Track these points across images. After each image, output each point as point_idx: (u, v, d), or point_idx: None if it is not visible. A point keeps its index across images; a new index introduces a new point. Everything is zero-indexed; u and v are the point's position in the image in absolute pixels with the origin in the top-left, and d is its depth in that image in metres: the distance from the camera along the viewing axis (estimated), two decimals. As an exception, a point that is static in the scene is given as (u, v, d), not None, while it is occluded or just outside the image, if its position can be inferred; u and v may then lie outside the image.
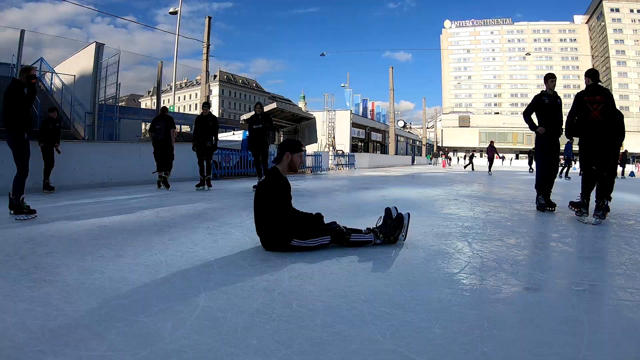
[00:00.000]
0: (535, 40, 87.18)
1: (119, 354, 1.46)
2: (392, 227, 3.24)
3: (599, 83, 4.71)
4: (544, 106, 5.41)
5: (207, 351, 1.50)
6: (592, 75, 4.74)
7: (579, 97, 4.70)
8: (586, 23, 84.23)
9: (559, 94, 5.61)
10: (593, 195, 4.67)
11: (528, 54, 64.26)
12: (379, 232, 3.19)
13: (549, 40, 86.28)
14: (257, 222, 3.03)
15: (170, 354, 1.47)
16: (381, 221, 3.33)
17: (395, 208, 3.37)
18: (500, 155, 37.12)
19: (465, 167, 24.03)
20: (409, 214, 3.33)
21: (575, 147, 4.82)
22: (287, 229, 2.95)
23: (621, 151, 13.82)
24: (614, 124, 4.69)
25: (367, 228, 3.26)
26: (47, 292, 2.06)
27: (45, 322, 1.72)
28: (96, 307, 1.88)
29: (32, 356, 1.45)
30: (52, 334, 1.62)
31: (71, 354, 1.47)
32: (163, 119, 7.98)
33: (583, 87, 4.97)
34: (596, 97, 4.58)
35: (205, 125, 7.86)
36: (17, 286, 2.14)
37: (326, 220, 3.21)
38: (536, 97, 5.54)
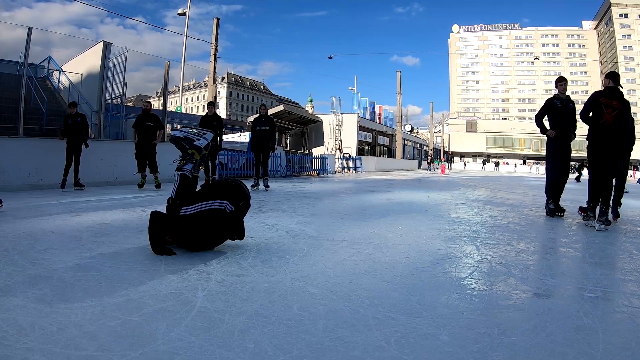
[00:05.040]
0: (543, 45, 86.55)
1: (108, 355, 1.40)
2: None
3: (619, 87, 4.55)
4: (555, 110, 5.30)
5: (200, 354, 1.42)
6: (613, 77, 4.55)
7: (595, 96, 4.55)
8: (595, 28, 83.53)
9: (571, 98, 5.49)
10: None
11: (536, 58, 63.77)
12: None
13: (557, 45, 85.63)
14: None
15: (162, 356, 1.40)
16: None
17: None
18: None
19: (576, 178, 19.61)
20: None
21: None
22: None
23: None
24: (625, 132, 4.53)
25: None
26: (41, 289, 2.01)
27: (36, 319, 1.66)
28: (89, 305, 1.82)
29: (19, 354, 1.39)
30: (43, 331, 1.56)
31: (59, 353, 1.41)
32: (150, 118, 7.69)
33: (590, 92, 4.83)
34: (613, 102, 4.42)
35: (210, 125, 7.81)
36: (12, 282, 2.10)
37: None
38: (548, 101, 5.43)
